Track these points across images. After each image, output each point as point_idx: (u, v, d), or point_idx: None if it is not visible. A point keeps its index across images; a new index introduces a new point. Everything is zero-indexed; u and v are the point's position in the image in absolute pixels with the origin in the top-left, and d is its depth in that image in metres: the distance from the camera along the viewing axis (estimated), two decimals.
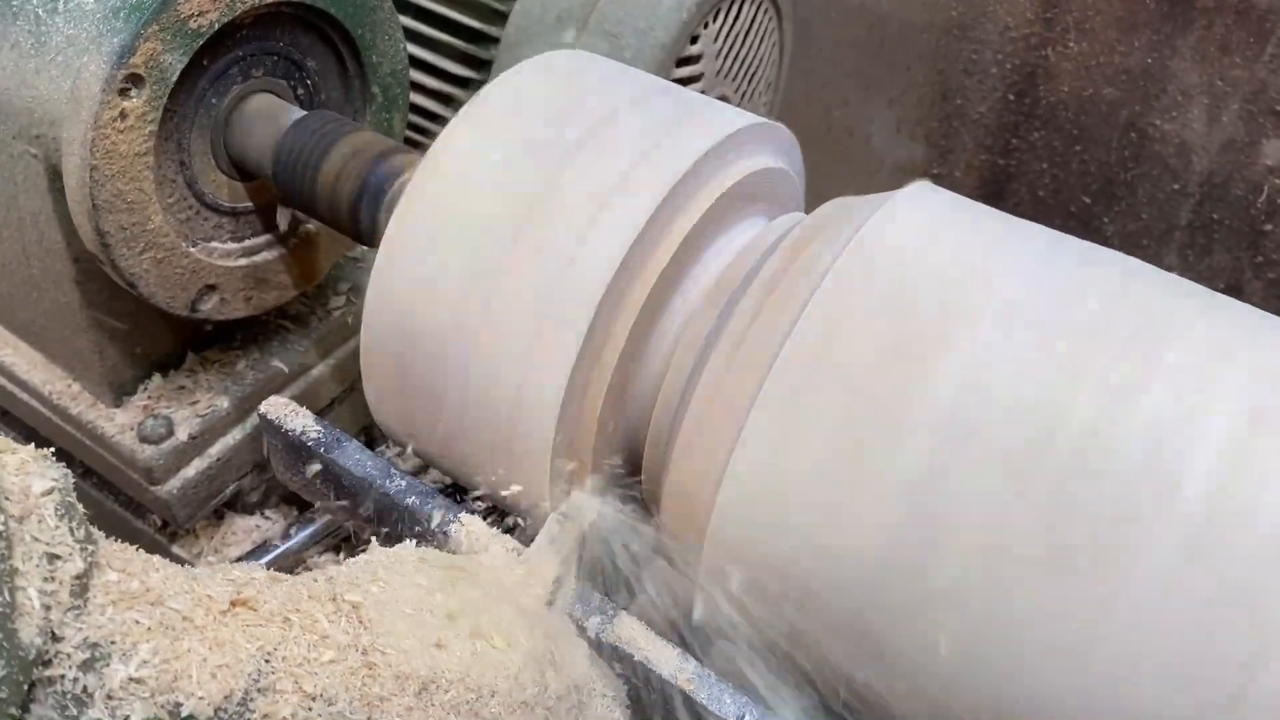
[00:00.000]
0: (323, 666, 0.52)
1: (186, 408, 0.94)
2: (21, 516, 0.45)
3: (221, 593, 0.52)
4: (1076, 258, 0.62)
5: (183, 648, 0.48)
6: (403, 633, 0.54)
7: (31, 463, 0.47)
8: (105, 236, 0.78)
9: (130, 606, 0.48)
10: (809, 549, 0.59)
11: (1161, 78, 1.36)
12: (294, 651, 0.51)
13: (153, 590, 0.50)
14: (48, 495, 0.46)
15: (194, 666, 0.48)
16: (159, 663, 0.48)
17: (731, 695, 0.62)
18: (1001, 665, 0.55)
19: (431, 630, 0.55)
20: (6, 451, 0.47)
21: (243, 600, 0.52)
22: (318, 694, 0.51)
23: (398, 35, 0.92)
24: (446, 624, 0.56)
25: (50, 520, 0.46)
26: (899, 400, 0.56)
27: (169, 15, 0.74)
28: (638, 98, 0.70)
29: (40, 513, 0.46)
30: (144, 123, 0.76)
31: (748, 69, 1.25)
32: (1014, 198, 1.53)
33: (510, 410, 0.66)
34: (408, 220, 0.70)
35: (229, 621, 0.51)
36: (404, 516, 0.72)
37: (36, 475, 0.47)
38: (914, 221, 0.62)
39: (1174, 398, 0.54)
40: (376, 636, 0.54)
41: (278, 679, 0.50)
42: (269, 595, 0.53)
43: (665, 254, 0.67)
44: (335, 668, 0.52)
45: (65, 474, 0.48)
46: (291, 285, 0.95)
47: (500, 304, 0.66)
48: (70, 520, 0.47)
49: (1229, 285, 1.42)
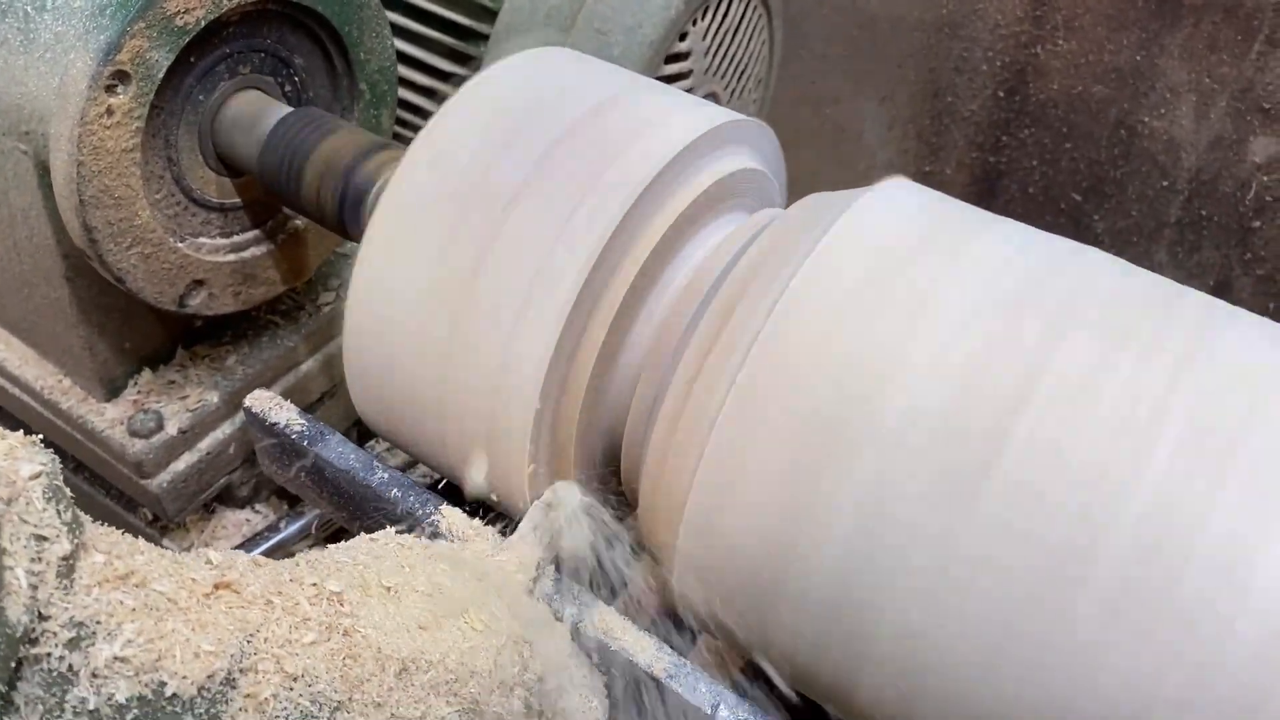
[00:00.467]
0: (304, 648, 0.52)
1: (176, 402, 0.95)
2: (10, 499, 0.46)
3: (205, 576, 0.53)
4: (1046, 255, 0.62)
5: (167, 628, 0.49)
6: (383, 615, 0.55)
7: (20, 448, 0.48)
8: (93, 232, 0.78)
9: (116, 587, 0.49)
10: (776, 547, 0.59)
11: (1150, 75, 1.36)
12: (276, 633, 0.52)
13: (137, 572, 0.51)
14: (35, 479, 0.47)
15: (178, 647, 0.49)
16: (143, 642, 0.48)
17: (706, 684, 0.63)
18: (960, 657, 0.55)
19: (412, 613, 0.56)
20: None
21: (226, 583, 0.53)
22: (299, 674, 0.52)
23: (385, 32, 0.92)
24: (427, 606, 0.57)
25: (38, 503, 0.47)
26: (856, 410, 0.57)
27: (155, 13, 0.75)
28: (615, 95, 0.71)
29: (28, 495, 0.47)
30: (131, 119, 0.77)
31: (737, 66, 1.25)
32: (1004, 195, 1.54)
33: (489, 405, 0.67)
34: (389, 216, 0.70)
35: (212, 604, 0.52)
36: (386, 509, 0.72)
37: (25, 460, 0.48)
38: (882, 221, 0.63)
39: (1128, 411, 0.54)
40: (357, 619, 0.55)
41: (260, 659, 0.51)
42: (252, 578, 0.54)
43: (643, 251, 0.67)
44: (316, 649, 0.53)
45: (53, 459, 0.49)
46: (280, 281, 0.96)
47: (477, 301, 0.66)
48: (58, 503, 0.48)
49: (1218, 282, 1.43)
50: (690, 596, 0.66)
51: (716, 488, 0.61)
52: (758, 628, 0.63)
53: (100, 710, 0.47)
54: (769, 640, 0.63)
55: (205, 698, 0.49)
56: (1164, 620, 0.51)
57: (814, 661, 0.62)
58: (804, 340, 0.59)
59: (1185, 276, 1.43)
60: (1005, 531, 0.53)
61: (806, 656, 0.62)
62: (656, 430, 0.66)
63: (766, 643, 0.64)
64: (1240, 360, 0.55)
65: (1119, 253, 0.64)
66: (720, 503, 0.61)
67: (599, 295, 0.66)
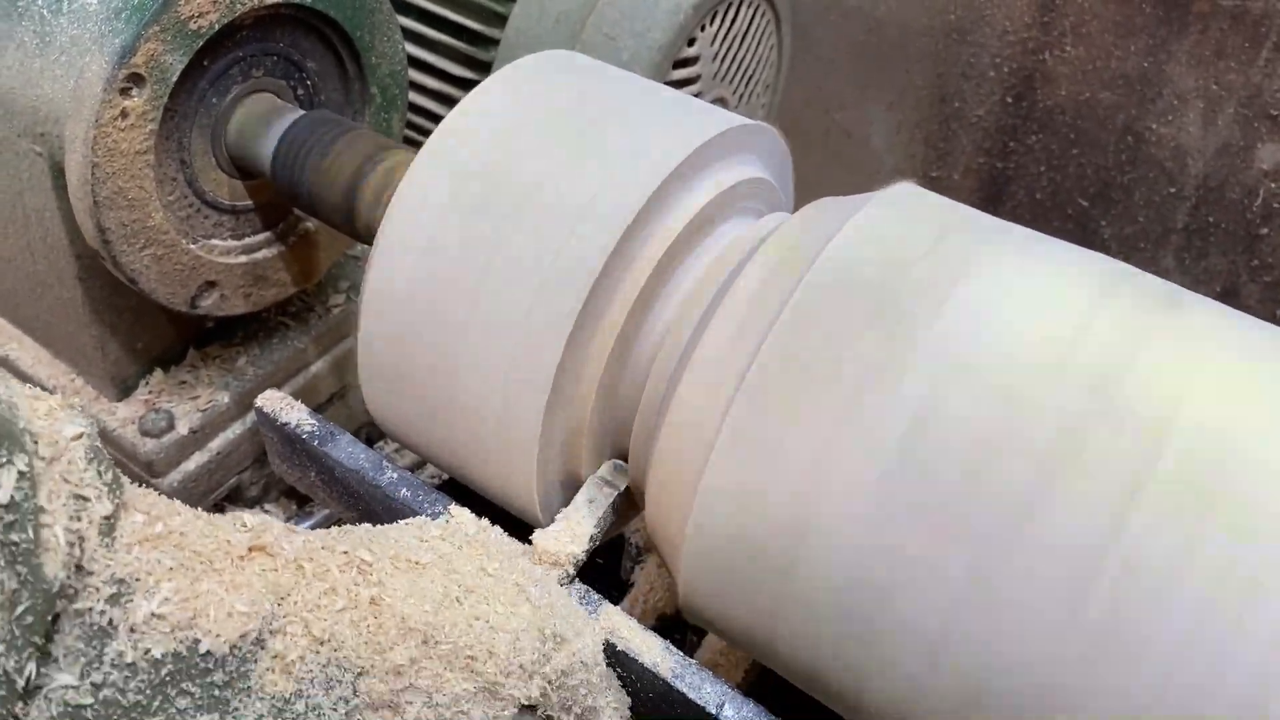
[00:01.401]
0: (332, 614, 0.54)
1: (188, 402, 0.96)
2: (52, 459, 0.47)
3: (240, 539, 0.55)
4: (1057, 255, 0.63)
5: (202, 588, 0.51)
6: (409, 588, 0.57)
7: (60, 410, 0.50)
8: (106, 233, 0.79)
9: (155, 546, 0.51)
10: (784, 545, 0.60)
11: (1158, 82, 1.36)
12: (306, 597, 0.54)
13: (175, 533, 0.52)
14: (78, 440, 0.49)
15: (212, 606, 0.51)
16: (180, 600, 0.50)
17: (712, 684, 0.63)
18: (981, 640, 0.56)
19: (437, 589, 0.58)
20: (36, 398, 0.49)
21: (260, 546, 0.55)
22: (326, 638, 0.53)
23: (396, 37, 0.93)
24: (452, 585, 0.58)
25: (80, 463, 0.48)
26: (869, 408, 0.58)
27: (170, 16, 0.76)
28: (623, 102, 0.71)
29: (71, 455, 0.48)
30: (145, 121, 0.78)
31: (745, 71, 1.26)
32: (1012, 200, 1.54)
33: (499, 406, 0.67)
34: (401, 219, 0.71)
35: (246, 566, 0.54)
36: (396, 509, 0.73)
37: (66, 421, 0.49)
38: (889, 225, 0.64)
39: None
40: (384, 588, 0.56)
41: (289, 622, 0.53)
42: (285, 543, 0.56)
43: (656, 251, 0.68)
44: (344, 615, 0.54)
45: (91, 422, 0.50)
46: (291, 283, 0.96)
47: (490, 303, 0.67)
48: (99, 464, 0.49)
49: (1225, 288, 1.43)
50: (697, 596, 0.66)
51: (725, 487, 0.62)
52: (765, 626, 0.64)
53: (137, 664, 0.49)
54: (776, 639, 0.64)
55: (236, 656, 0.51)
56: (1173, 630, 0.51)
57: (821, 661, 0.62)
58: (814, 339, 0.60)
59: (1192, 282, 1.44)
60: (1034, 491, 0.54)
61: (813, 656, 0.62)
62: (664, 430, 0.66)
63: (773, 642, 0.64)
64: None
65: (1125, 258, 0.64)
66: (728, 502, 0.62)
67: (610, 299, 0.67)
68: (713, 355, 0.64)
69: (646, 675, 0.64)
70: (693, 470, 0.63)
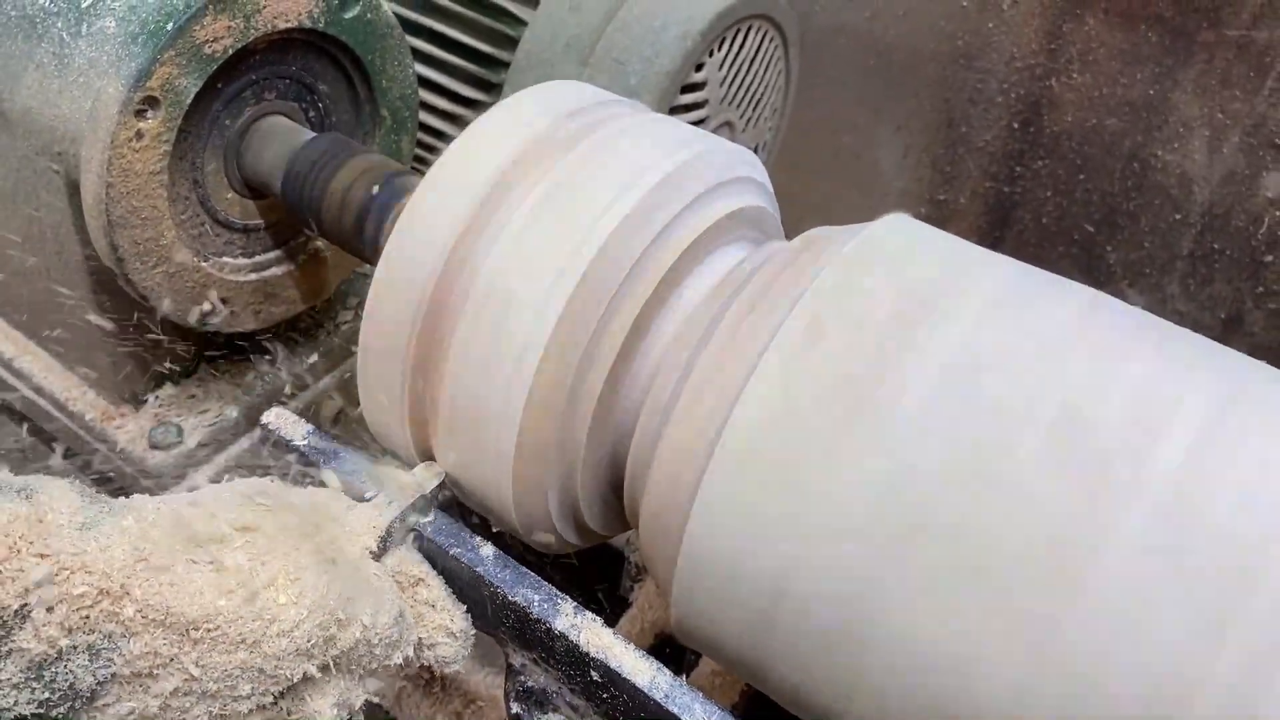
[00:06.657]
0: (84, 600, 0.56)
1: (196, 416, 0.98)
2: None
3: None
4: (1044, 281, 0.64)
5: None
6: (183, 574, 0.58)
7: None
8: (119, 251, 0.81)
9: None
10: (775, 569, 0.61)
11: (1163, 109, 1.37)
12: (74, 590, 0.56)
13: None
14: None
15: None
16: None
17: (702, 704, 0.64)
18: (955, 687, 0.57)
19: (217, 578, 0.59)
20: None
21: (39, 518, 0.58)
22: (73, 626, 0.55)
23: (407, 61, 0.95)
24: (232, 566, 0.59)
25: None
26: (858, 430, 0.59)
27: (185, 41, 0.77)
28: (621, 132, 0.73)
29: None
30: (159, 143, 0.80)
31: (752, 96, 1.27)
32: (1018, 225, 1.55)
33: (492, 422, 0.69)
34: (405, 239, 0.72)
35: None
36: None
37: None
38: (887, 245, 0.65)
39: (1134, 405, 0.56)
40: (156, 574, 0.57)
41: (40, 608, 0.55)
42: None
43: (653, 279, 0.69)
44: (98, 604, 0.56)
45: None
46: (300, 300, 0.98)
47: (485, 323, 0.68)
48: None
49: (1230, 315, 1.43)
50: (690, 618, 0.67)
51: (718, 508, 0.63)
52: (756, 650, 0.65)
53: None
54: (767, 663, 0.65)
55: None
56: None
57: (809, 685, 0.63)
58: (804, 366, 0.61)
59: (1197, 309, 1.44)
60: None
61: (802, 679, 0.63)
62: (660, 451, 0.67)
63: (764, 666, 0.65)
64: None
65: (1131, 284, 0.65)
66: (722, 524, 0.63)
67: (607, 324, 0.68)
68: (705, 380, 0.65)
69: (639, 696, 0.65)
70: (686, 493, 0.64)
